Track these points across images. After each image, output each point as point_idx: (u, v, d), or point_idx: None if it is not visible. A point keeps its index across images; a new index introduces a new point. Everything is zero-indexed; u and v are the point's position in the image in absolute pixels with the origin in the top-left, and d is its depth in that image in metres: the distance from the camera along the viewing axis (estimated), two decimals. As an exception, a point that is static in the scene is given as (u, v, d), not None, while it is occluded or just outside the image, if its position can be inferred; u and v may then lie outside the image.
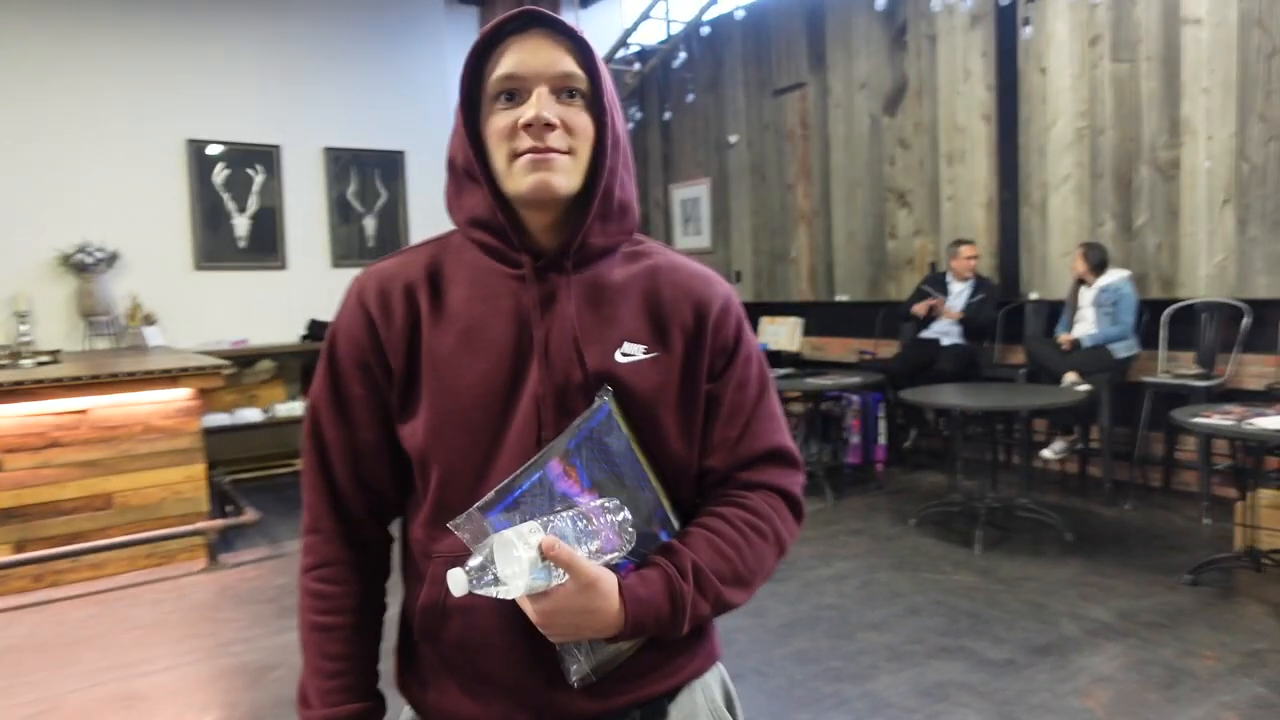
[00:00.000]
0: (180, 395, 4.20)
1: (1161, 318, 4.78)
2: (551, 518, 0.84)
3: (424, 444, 0.94)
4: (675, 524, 0.97)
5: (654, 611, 0.87)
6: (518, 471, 0.87)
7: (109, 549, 3.97)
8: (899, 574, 3.75)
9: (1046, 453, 5.01)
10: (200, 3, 6.06)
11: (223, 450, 5.75)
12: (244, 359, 5.97)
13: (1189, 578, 3.49)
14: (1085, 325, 4.85)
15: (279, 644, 3.22)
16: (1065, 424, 4.99)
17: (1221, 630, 3.05)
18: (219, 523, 4.29)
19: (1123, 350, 4.71)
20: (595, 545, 0.84)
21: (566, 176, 0.90)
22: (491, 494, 0.85)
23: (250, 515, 4.36)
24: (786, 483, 1.01)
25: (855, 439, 5.68)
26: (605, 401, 0.92)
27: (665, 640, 0.93)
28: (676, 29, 7.45)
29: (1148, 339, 4.82)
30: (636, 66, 7.67)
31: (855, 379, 5.22)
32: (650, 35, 7.83)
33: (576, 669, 0.90)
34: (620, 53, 7.51)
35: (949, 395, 4.40)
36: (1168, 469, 4.78)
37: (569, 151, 0.90)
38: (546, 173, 0.89)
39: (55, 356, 4.65)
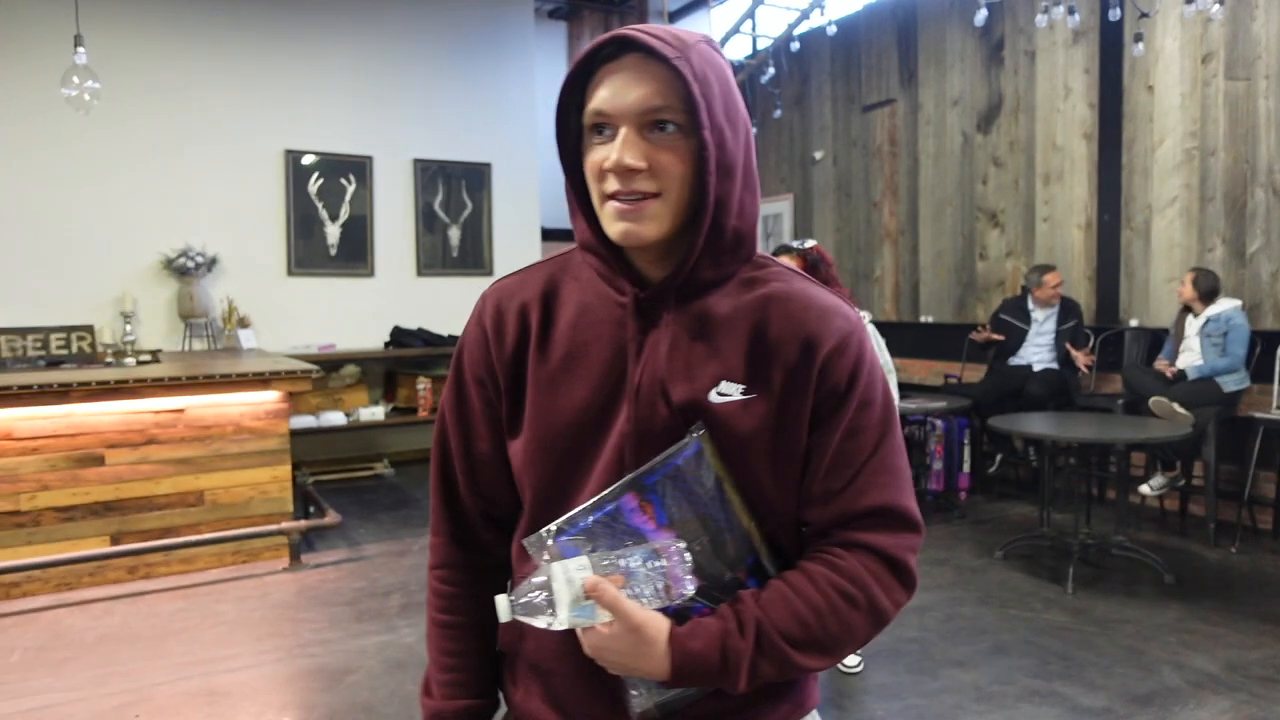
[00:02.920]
0: (270, 398, 4.32)
1: (1277, 351, 4.50)
2: (622, 553, 0.82)
3: (520, 465, 0.96)
4: (772, 571, 0.92)
5: (703, 665, 0.83)
6: (591, 500, 0.85)
7: (199, 544, 4.10)
8: (985, 609, 3.60)
9: (1145, 488, 4.76)
10: (299, 21, 6.28)
11: (306, 451, 5.90)
12: (330, 363, 6.12)
13: (1304, 630, 3.26)
14: (1191, 356, 4.60)
15: (355, 648, 3.27)
16: (1166, 459, 4.74)
17: (1342, 690, 2.83)
18: (302, 524, 4.39)
19: (1232, 384, 4.45)
20: (663, 584, 0.82)
21: (656, 223, 0.86)
22: (563, 519, 0.85)
23: (332, 517, 4.45)
24: (891, 546, 0.91)
25: (938, 465, 5.50)
26: (694, 439, 0.88)
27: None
28: (764, 44, 7.40)
29: (1260, 372, 4.54)
30: (722, 81, 7.63)
31: (940, 403, 5.06)
32: (738, 50, 7.80)
33: (639, 702, 0.88)
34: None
35: (1040, 424, 4.22)
36: (1279, 512, 4.49)
37: (658, 194, 0.85)
38: (632, 223, 0.86)
39: (156, 356, 4.84)
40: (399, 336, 6.39)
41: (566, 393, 0.92)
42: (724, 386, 0.89)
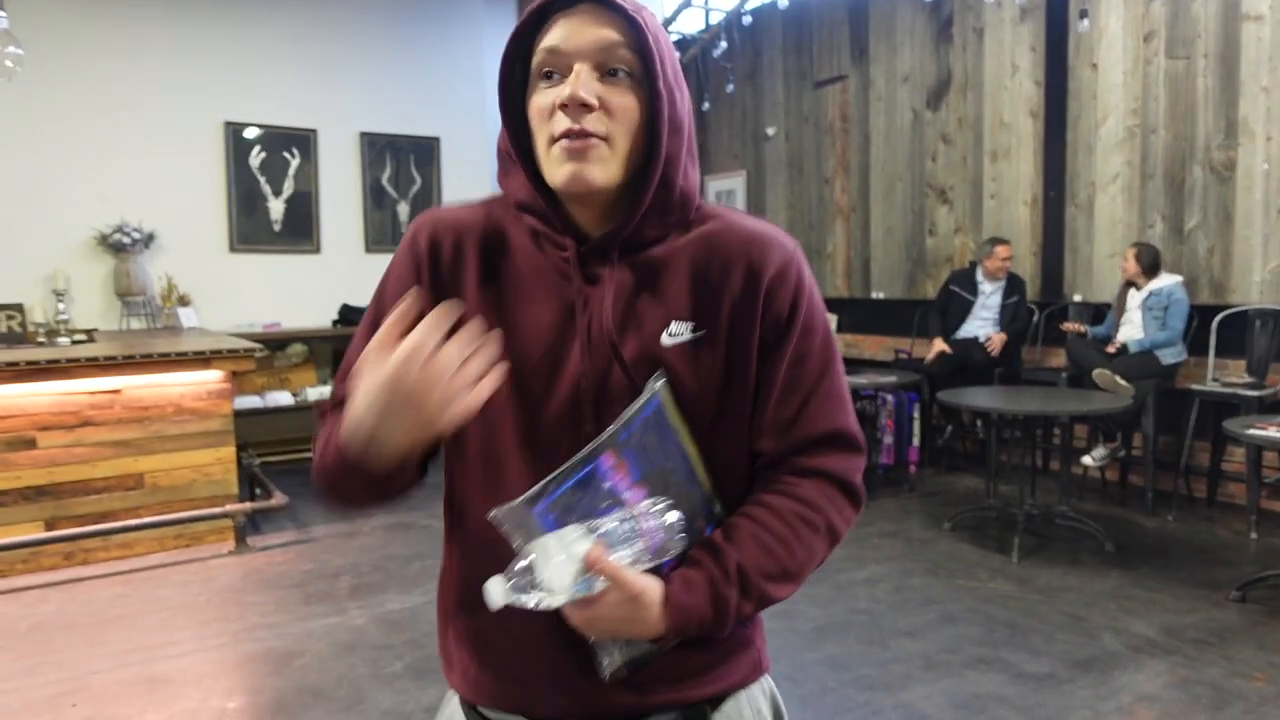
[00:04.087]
0: (212, 377, 4.21)
1: (1211, 324, 4.63)
2: (599, 519, 0.80)
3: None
4: (720, 515, 0.92)
5: (697, 617, 0.84)
6: (567, 464, 0.82)
7: (138, 529, 3.99)
8: (933, 579, 3.66)
9: (1087, 459, 4.88)
10: (240, -15, 6.06)
11: (252, 432, 5.77)
12: (276, 342, 5.98)
13: (1236, 594, 3.37)
14: (1132, 329, 4.71)
15: (304, 630, 3.21)
16: (1107, 430, 4.85)
17: (1271, 650, 2.94)
18: (247, 506, 4.29)
19: (1170, 356, 4.57)
20: (640, 546, 0.80)
21: (603, 166, 0.84)
22: (538, 486, 0.81)
23: (278, 499, 4.36)
24: (844, 469, 0.94)
25: (889, 439, 5.57)
26: (656, 391, 0.86)
27: (706, 643, 0.90)
28: (716, 18, 7.35)
29: (1196, 345, 4.67)
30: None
31: (891, 378, 5.12)
32: (690, 24, 7.74)
33: (609, 663, 0.87)
34: (658, 42, 7.42)
35: (987, 398, 4.29)
36: (1213, 480, 4.63)
37: (606, 137, 0.84)
38: (581, 163, 0.84)
39: (91, 335, 4.68)
40: (348, 314, 6.27)
41: (513, 339, 0.88)
42: (674, 328, 0.89)
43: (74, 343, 4.41)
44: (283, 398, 5.88)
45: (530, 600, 0.76)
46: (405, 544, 4.18)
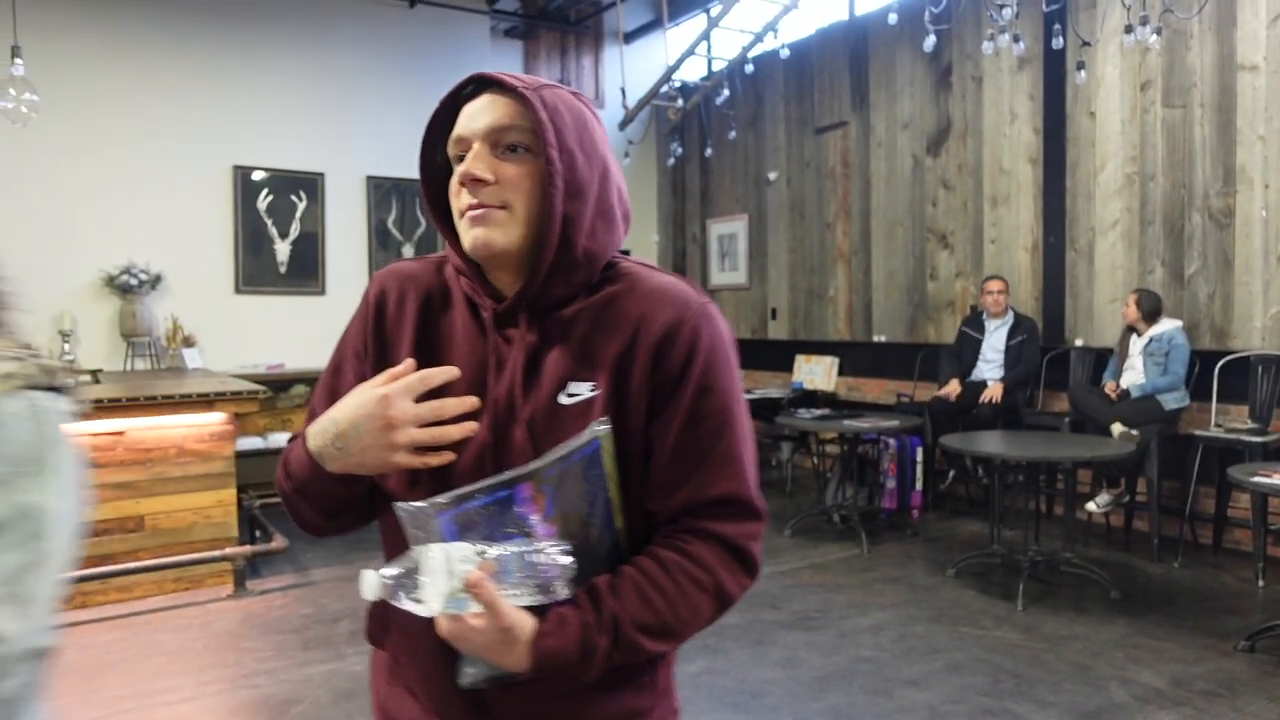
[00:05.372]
0: (215, 419, 4.21)
1: (1213, 370, 4.63)
2: (496, 544, 0.81)
3: None
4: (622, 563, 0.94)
5: (561, 661, 0.85)
6: (484, 483, 0.84)
7: (138, 572, 3.97)
8: (938, 627, 3.62)
9: (1091, 505, 4.85)
10: (251, 33, 6.19)
11: (253, 474, 5.76)
12: (279, 383, 6.00)
13: (1245, 644, 3.33)
14: (1134, 374, 4.71)
15: (302, 677, 3.18)
16: (1111, 476, 4.83)
17: (1282, 703, 2.90)
18: (247, 549, 4.27)
19: (1172, 402, 4.56)
20: (529, 581, 0.81)
21: (503, 231, 0.91)
22: (451, 495, 0.83)
23: (279, 542, 4.34)
24: (736, 535, 0.93)
25: (891, 483, 5.56)
26: (596, 436, 0.88)
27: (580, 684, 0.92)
28: (719, 66, 7.47)
29: (1198, 391, 4.67)
30: (679, 103, 7.69)
31: (894, 422, 5.11)
32: (693, 72, 7.87)
33: (472, 673, 0.88)
34: (663, 89, 7.53)
35: (990, 443, 4.28)
36: (1219, 526, 4.60)
37: (505, 205, 0.91)
38: (483, 229, 0.91)
39: (95, 376, 4.70)
40: (350, 356, 6.29)
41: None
42: (571, 387, 0.92)
43: (78, 384, 4.42)
44: (284, 439, 5.87)
45: (401, 602, 0.78)
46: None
